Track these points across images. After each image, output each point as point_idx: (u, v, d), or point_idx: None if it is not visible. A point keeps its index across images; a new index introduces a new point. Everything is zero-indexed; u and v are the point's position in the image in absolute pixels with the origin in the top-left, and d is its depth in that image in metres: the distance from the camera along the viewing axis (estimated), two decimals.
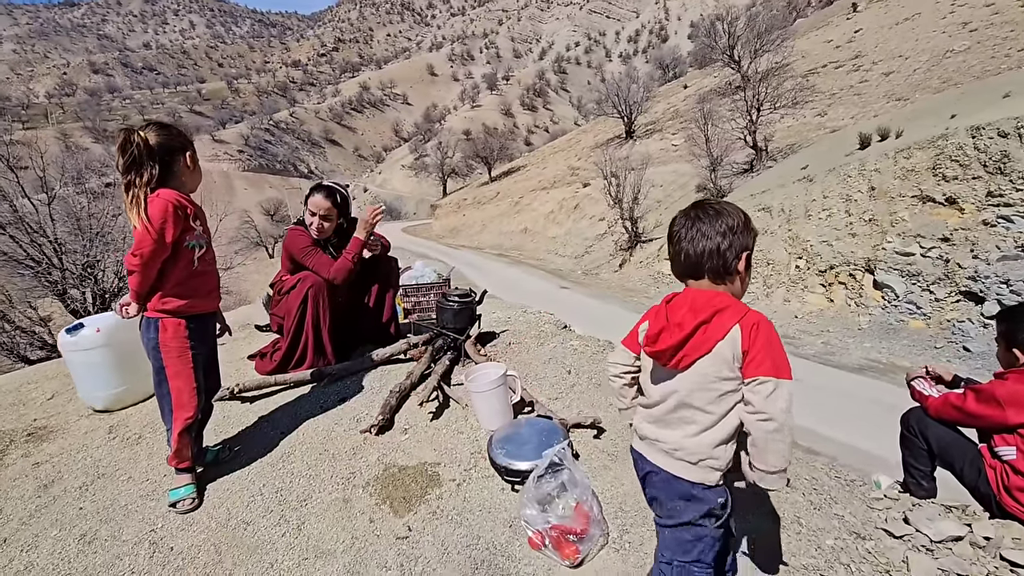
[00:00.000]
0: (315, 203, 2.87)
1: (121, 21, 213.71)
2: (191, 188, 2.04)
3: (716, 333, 1.30)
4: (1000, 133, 9.51)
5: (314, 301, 2.79)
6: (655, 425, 1.40)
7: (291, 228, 2.94)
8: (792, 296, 12.13)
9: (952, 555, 1.63)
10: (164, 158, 1.89)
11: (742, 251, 1.36)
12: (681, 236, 1.41)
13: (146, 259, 1.83)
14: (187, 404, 1.97)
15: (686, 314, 1.34)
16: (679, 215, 1.44)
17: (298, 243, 2.87)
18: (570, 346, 3.19)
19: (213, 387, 2.20)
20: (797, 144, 18.55)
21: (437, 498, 1.94)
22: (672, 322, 1.36)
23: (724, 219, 1.37)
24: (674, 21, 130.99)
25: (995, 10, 20.85)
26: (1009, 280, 8.50)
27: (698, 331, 1.32)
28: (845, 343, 10.09)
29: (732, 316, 1.30)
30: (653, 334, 1.39)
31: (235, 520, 1.86)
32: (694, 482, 1.33)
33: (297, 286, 2.81)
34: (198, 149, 2.09)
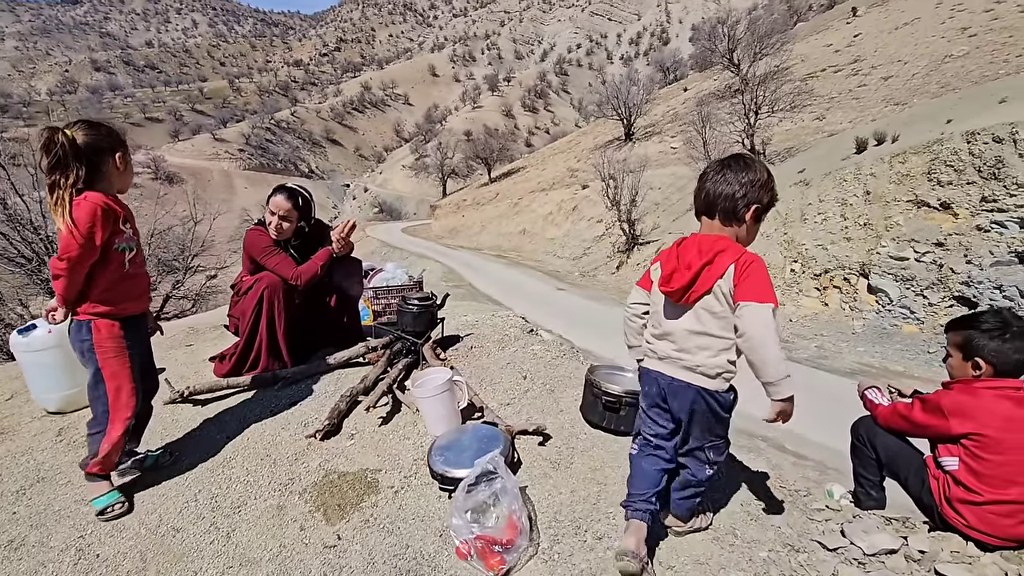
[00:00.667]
0: (276, 203, 2.80)
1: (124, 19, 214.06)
2: (121, 189, 1.97)
3: (717, 271, 1.53)
4: (995, 138, 9.45)
5: (269, 303, 2.71)
6: (677, 348, 1.64)
7: (251, 228, 2.87)
8: (787, 299, 12.07)
9: (884, 568, 1.58)
10: (91, 159, 1.80)
11: (753, 203, 1.58)
12: (708, 176, 1.65)
13: (72, 263, 1.75)
14: (126, 406, 1.89)
15: (694, 256, 1.57)
16: (714, 160, 1.69)
17: (259, 243, 2.80)
18: (531, 351, 3.13)
19: (151, 389, 2.12)
20: (795, 148, 18.51)
21: (372, 505, 1.88)
22: (682, 263, 1.59)
23: (748, 173, 1.59)
24: (675, 24, 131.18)
25: (995, 15, 20.82)
26: (1002, 285, 8.44)
27: (703, 271, 1.54)
28: (839, 347, 10.02)
29: (730, 256, 1.53)
30: (667, 275, 1.63)
31: (165, 527, 1.79)
32: (712, 390, 1.60)
33: (253, 287, 2.74)
34: (200, 148, 2.04)
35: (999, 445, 1.72)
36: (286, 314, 2.78)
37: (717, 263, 1.53)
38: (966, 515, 1.77)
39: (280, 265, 2.77)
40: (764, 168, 1.63)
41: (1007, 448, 1.70)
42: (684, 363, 1.61)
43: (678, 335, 1.62)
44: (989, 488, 1.72)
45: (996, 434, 1.72)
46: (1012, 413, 1.74)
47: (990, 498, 1.72)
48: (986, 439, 1.73)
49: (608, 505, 1.89)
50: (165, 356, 3.37)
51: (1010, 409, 1.75)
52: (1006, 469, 1.70)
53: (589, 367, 2.54)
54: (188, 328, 4.11)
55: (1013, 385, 1.79)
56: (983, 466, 1.73)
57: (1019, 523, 1.69)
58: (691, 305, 1.58)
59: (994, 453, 1.71)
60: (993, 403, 1.77)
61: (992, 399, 1.78)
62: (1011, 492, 1.70)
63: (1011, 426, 1.72)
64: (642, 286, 1.77)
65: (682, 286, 1.57)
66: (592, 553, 1.68)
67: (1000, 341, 1.82)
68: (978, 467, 1.74)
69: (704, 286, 1.54)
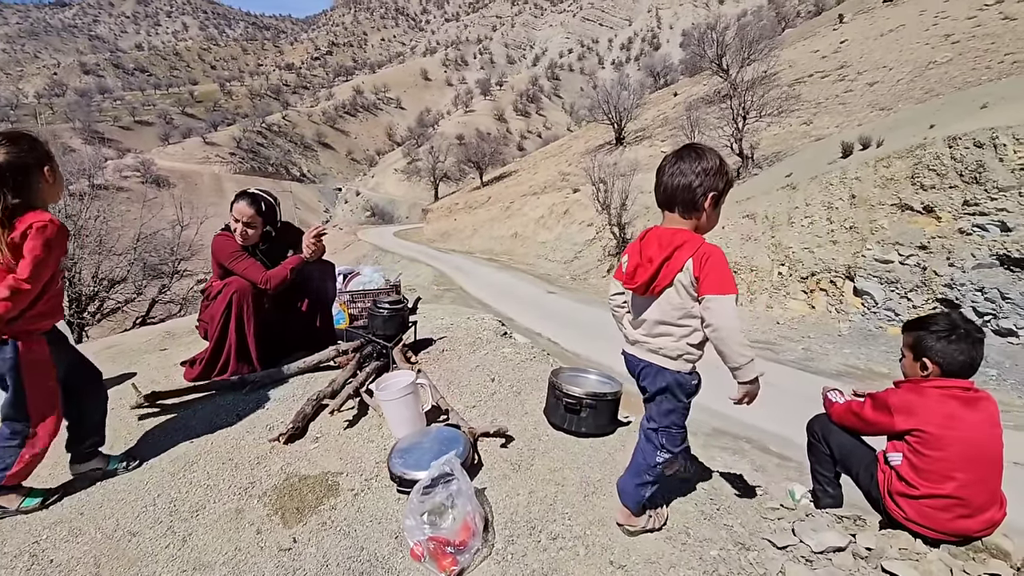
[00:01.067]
0: (239, 210, 2.80)
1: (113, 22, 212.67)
2: (52, 202, 1.91)
3: (675, 266, 1.60)
4: (976, 143, 9.58)
5: (238, 307, 2.70)
6: (644, 334, 1.75)
7: (218, 234, 2.86)
8: (774, 302, 12.15)
9: (831, 566, 1.59)
10: (17, 179, 1.70)
11: (709, 191, 1.62)
12: (665, 170, 1.69)
13: (38, 286, 1.70)
14: (53, 424, 1.86)
15: (655, 251, 1.64)
16: (669, 154, 1.72)
17: (226, 248, 2.80)
18: (501, 353, 3.13)
19: (91, 390, 2.07)
20: (782, 152, 18.67)
21: (331, 508, 1.86)
22: (644, 258, 1.68)
23: (701, 162, 1.63)
24: (666, 29, 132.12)
25: (977, 23, 21.16)
26: (984, 288, 8.54)
27: (663, 267, 1.62)
28: (825, 349, 10.09)
29: (687, 251, 1.59)
30: (631, 271, 1.73)
31: (121, 531, 1.76)
32: (674, 371, 1.69)
33: (223, 291, 2.72)
34: (190, 151, 2.00)
35: (939, 442, 1.76)
36: (256, 318, 2.77)
37: (675, 258, 1.59)
38: (905, 508, 1.82)
39: (249, 269, 2.76)
40: (716, 155, 1.67)
41: (946, 445, 1.75)
42: (649, 346, 1.73)
43: (646, 323, 1.73)
44: (926, 483, 1.77)
45: (937, 431, 1.77)
46: (955, 412, 1.79)
47: (926, 492, 1.77)
48: (927, 435, 1.77)
49: (565, 506, 1.90)
50: (138, 360, 3.34)
51: (954, 408, 1.80)
52: (944, 465, 1.74)
53: (553, 369, 2.55)
54: (165, 332, 4.08)
55: (961, 385, 1.84)
56: (923, 461, 1.78)
57: (955, 517, 1.74)
58: (655, 296, 1.67)
59: (934, 449, 1.75)
60: (938, 402, 1.82)
61: (938, 398, 1.83)
62: (946, 487, 1.74)
63: (952, 424, 1.77)
64: (617, 277, 1.86)
65: (644, 282, 1.66)
66: (545, 553, 1.68)
67: (946, 343, 1.87)
68: (918, 462, 1.79)
69: (664, 280, 1.62)
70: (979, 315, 8.46)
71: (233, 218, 2.81)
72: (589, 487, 2.01)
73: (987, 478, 1.74)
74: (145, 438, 2.32)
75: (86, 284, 12.69)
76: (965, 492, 1.72)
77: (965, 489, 1.72)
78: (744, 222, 13.84)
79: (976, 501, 1.73)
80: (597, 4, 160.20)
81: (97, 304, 12.88)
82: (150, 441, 2.28)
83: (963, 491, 1.72)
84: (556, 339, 11.25)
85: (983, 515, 1.74)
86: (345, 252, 35.83)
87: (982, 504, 1.74)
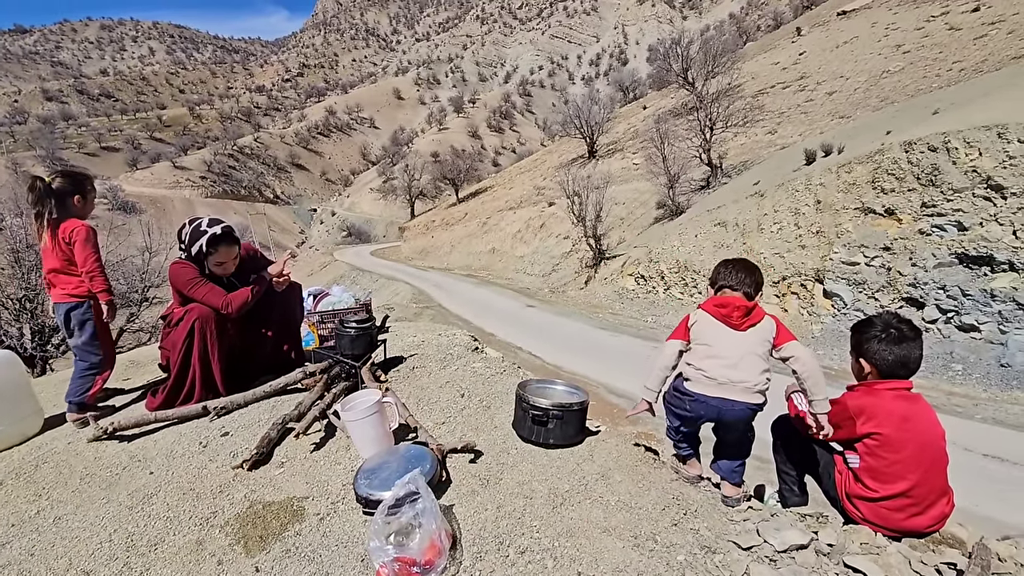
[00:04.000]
0: (224, 253, 2.80)
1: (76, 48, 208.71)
2: (84, 217, 2.85)
3: (759, 315, 2.17)
4: (930, 147, 9.97)
5: (200, 333, 2.66)
6: (730, 370, 2.12)
7: (175, 262, 2.82)
8: None
9: (794, 564, 1.61)
10: (58, 199, 2.75)
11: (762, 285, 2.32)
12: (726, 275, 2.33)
13: (94, 266, 2.80)
14: (113, 358, 2.96)
15: (740, 302, 2.19)
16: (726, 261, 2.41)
17: (183, 276, 2.75)
18: (471, 368, 3.12)
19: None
20: (750, 161, 19.16)
21: (296, 534, 1.81)
22: (733, 306, 2.19)
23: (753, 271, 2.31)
24: (633, 45, 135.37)
25: (925, 33, 22.18)
26: (945, 286, 8.82)
27: (753, 310, 2.18)
28: None
29: (763, 311, 2.19)
30: (725, 313, 2.20)
31: (74, 570, 1.68)
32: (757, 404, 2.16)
33: (184, 318, 2.68)
34: (159, 176, 2.46)
35: (895, 444, 1.80)
36: (220, 344, 2.72)
37: (756, 312, 2.19)
38: (862, 509, 1.86)
39: (208, 295, 2.73)
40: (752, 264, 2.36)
41: (901, 447, 1.79)
42: (739, 385, 2.15)
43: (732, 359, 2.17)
44: (882, 484, 1.81)
45: (893, 433, 1.81)
46: (907, 413, 1.84)
47: (883, 494, 1.81)
48: (884, 438, 1.81)
49: (533, 519, 1.88)
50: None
51: (905, 409, 1.84)
52: (898, 467, 1.78)
53: (520, 382, 2.54)
54: (129, 361, 3.95)
55: (905, 386, 1.88)
56: (880, 463, 1.82)
57: (908, 516, 1.78)
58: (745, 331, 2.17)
59: (890, 452, 1.79)
60: (892, 403, 1.86)
61: (891, 399, 1.87)
62: (899, 487, 1.78)
63: (906, 425, 1.81)
64: (678, 337, 2.31)
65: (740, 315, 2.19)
66: (513, 568, 1.66)
67: (877, 343, 1.94)
68: (876, 464, 1.82)
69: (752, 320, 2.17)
70: (942, 312, 8.73)
71: (215, 262, 2.79)
72: (558, 498, 2.00)
73: (935, 476, 1.79)
74: (102, 473, 2.23)
75: (49, 316, 12.24)
76: (916, 492, 1.76)
77: (917, 489, 1.76)
78: (716, 230, 14.11)
79: (926, 499, 1.77)
80: (565, 22, 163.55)
81: (61, 336, 12.43)
82: (108, 475, 2.20)
83: (915, 491, 1.76)
84: (536, 352, 11.24)
85: (932, 511, 1.78)
86: (322, 273, 35.40)
87: (932, 501, 1.78)
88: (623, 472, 2.20)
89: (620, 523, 1.87)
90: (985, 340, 8.23)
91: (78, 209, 2.79)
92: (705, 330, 2.22)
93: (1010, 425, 6.63)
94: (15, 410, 2.59)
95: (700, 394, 2.17)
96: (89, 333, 2.78)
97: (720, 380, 2.10)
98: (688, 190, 19.13)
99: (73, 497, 2.10)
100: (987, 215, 8.67)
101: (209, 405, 2.54)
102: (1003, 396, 7.49)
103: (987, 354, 8.12)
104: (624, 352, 10.93)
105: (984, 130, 9.23)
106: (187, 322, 2.66)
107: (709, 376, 2.14)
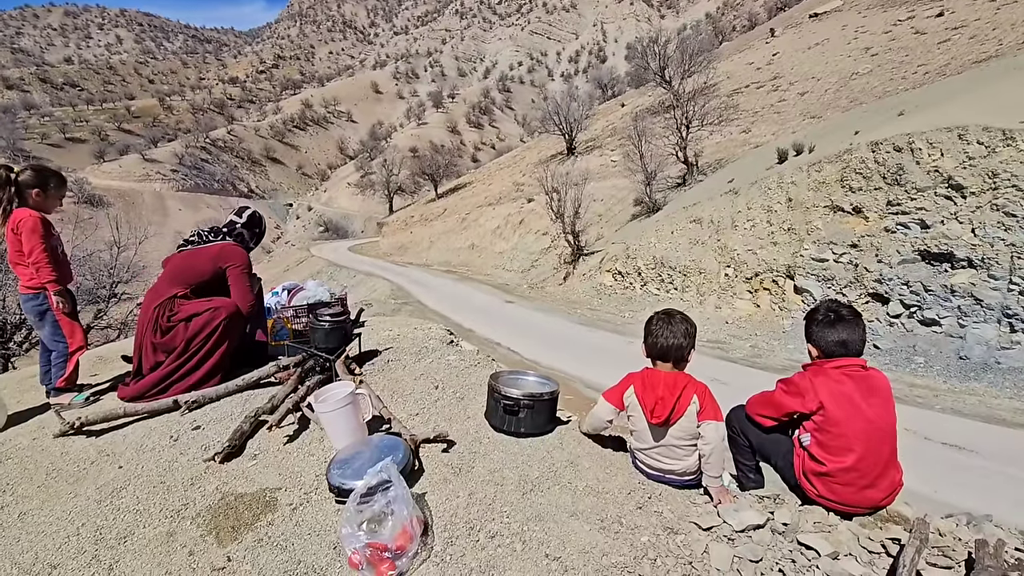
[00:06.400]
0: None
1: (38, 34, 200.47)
2: (46, 212, 2.89)
3: (686, 402, 2.14)
4: (895, 147, 10.29)
5: (226, 329, 2.87)
6: (658, 461, 2.24)
7: (238, 246, 3.03)
8: (723, 303, 12.60)
9: (751, 542, 1.69)
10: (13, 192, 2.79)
11: (690, 349, 2.24)
12: (658, 332, 2.26)
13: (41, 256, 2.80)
14: (80, 340, 2.90)
15: (666, 392, 2.16)
16: (657, 316, 2.31)
17: (248, 262, 3.02)
18: (446, 360, 3.15)
19: None
20: (724, 159, 19.49)
21: (268, 524, 1.83)
22: (659, 397, 2.17)
23: (679, 326, 2.25)
24: (611, 43, 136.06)
25: (892, 36, 22.84)
26: (909, 281, 9.14)
27: (677, 403, 2.13)
28: (771, 345, 10.55)
29: (691, 390, 2.16)
30: (650, 409, 2.20)
31: (41, 564, 1.67)
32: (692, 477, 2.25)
33: (205, 313, 2.80)
34: (128, 168, 2.48)
35: (837, 418, 1.90)
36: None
37: (685, 396, 2.15)
38: (817, 486, 1.96)
39: (249, 289, 2.97)
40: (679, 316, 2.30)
41: (843, 420, 1.88)
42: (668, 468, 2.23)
43: (659, 448, 2.22)
44: (832, 457, 1.91)
45: (834, 409, 1.91)
46: (849, 390, 1.94)
47: (832, 468, 1.90)
48: (828, 413, 1.91)
49: (503, 505, 1.93)
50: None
51: (849, 387, 1.94)
52: (843, 440, 1.88)
53: (492, 373, 2.59)
54: (96, 357, 3.87)
55: (856, 363, 1.98)
56: (827, 437, 1.91)
57: (859, 490, 1.88)
58: (672, 425, 2.18)
59: (834, 425, 1.89)
60: (836, 381, 1.96)
61: (836, 376, 1.97)
62: (847, 459, 1.88)
63: (846, 402, 1.91)
64: (610, 400, 2.35)
65: (664, 417, 2.16)
66: (484, 552, 1.70)
67: (818, 327, 2.07)
68: (823, 438, 1.92)
69: (678, 414, 2.15)
70: (906, 307, 9.05)
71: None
72: (527, 484, 2.05)
73: (881, 449, 1.88)
74: (68, 467, 2.20)
75: (11, 312, 11.83)
76: (863, 464, 1.85)
77: (863, 461, 1.85)
78: (691, 227, 14.34)
79: (873, 471, 1.87)
80: (544, 18, 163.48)
81: (24, 333, 12.03)
82: (74, 469, 2.17)
83: (861, 463, 1.85)
84: (515, 348, 11.30)
85: (882, 483, 1.88)
86: (298, 269, 34.86)
87: (880, 473, 1.88)
88: (591, 459, 2.26)
89: (587, 507, 1.93)
90: (945, 334, 8.56)
91: (36, 203, 2.82)
92: (633, 414, 2.29)
93: (967, 415, 6.93)
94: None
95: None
96: (50, 323, 2.86)
97: (654, 466, 2.23)
98: (665, 187, 19.38)
99: (38, 492, 2.07)
100: (948, 214, 9.00)
101: (180, 399, 2.52)
102: (961, 387, 7.81)
103: (947, 347, 8.46)
104: (601, 347, 11.06)
105: (946, 131, 9.57)
106: (215, 318, 2.79)
107: (643, 462, 2.28)
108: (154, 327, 2.79)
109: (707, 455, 2.08)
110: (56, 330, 2.86)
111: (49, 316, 2.85)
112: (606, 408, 2.34)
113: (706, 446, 2.09)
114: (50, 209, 2.91)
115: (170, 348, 2.75)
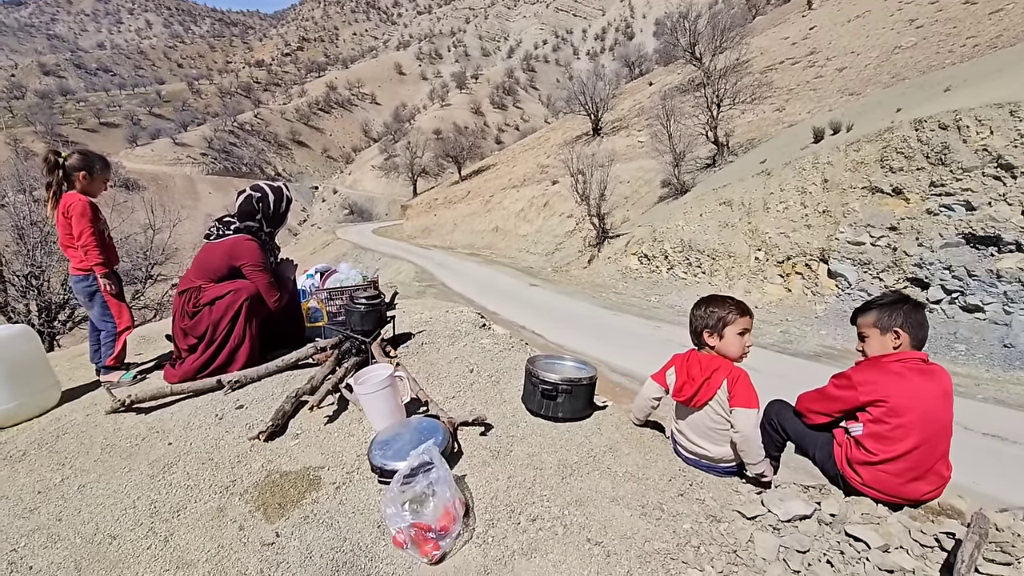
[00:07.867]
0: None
1: (72, 20, 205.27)
2: (93, 196, 3.00)
3: (715, 385, 2.10)
4: (941, 125, 9.83)
5: (248, 312, 2.88)
6: (694, 444, 2.20)
7: (246, 238, 2.96)
8: (753, 287, 12.37)
9: (797, 532, 1.66)
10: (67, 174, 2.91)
11: (702, 329, 2.21)
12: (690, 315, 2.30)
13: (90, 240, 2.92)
14: (128, 320, 3.00)
15: (697, 372, 2.16)
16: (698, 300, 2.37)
17: (259, 256, 2.95)
18: (480, 344, 3.17)
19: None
20: (756, 139, 18.93)
21: (313, 502, 1.88)
22: (689, 377, 2.18)
23: (695, 308, 2.29)
24: (639, 19, 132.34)
25: (939, 7, 21.65)
26: (951, 266, 8.80)
27: (703, 385, 2.12)
28: (803, 331, 10.33)
29: (722, 374, 2.11)
30: (679, 387, 2.23)
31: (101, 534, 1.76)
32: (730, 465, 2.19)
33: (225, 297, 2.83)
34: (160, 152, 2.52)
35: (899, 410, 1.85)
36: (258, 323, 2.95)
37: (714, 379, 2.11)
38: (862, 474, 1.91)
39: (270, 285, 2.95)
40: (710, 299, 2.26)
41: (905, 412, 1.84)
42: (703, 453, 2.19)
43: (694, 429, 2.19)
44: (883, 447, 1.86)
45: (897, 400, 1.85)
46: (915, 383, 1.88)
47: (883, 457, 1.86)
48: (888, 405, 1.86)
49: (543, 488, 1.94)
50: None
51: (914, 379, 1.89)
52: (901, 431, 1.83)
53: (529, 357, 2.59)
54: (140, 337, 4.00)
55: (919, 357, 1.93)
56: (883, 428, 1.87)
57: (907, 481, 1.83)
58: (700, 408, 2.16)
59: (893, 417, 1.84)
60: (899, 374, 1.91)
61: (899, 370, 1.92)
62: (900, 449, 1.83)
63: (911, 393, 1.86)
64: (656, 380, 2.36)
65: (689, 396, 2.17)
66: (525, 534, 1.72)
67: (913, 314, 2.00)
68: (879, 430, 1.87)
69: (705, 397, 2.12)
70: (947, 292, 8.73)
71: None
72: (567, 469, 2.05)
73: (936, 443, 1.83)
74: (121, 443, 2.30)
75: (56, 292, 12.34)
76: (916, 455, 1.81)
77: (917, 452, 1.81)
78: (721, 209, 14.04)
79: (924, 464, 1.82)
80: None
81: (68, 312, 12.55)
82: (127, 445, 2.26)
83: (915, 454, 1.81)
84: (539, 331, 11.31)
85: (931, 476, 1.84)
86: (324, 251, 35.42)
87: (930, 466, 1.83)
88: (630, 445, 2.25)
89: (628, 493, 1.92)
90: (989, 321, 8.25)
91: (83, 186, 2.91)
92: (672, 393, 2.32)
93: (1012, 405, 6.69)
94: (34, 383, 2.64)
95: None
96: (99, 303, 2.96)
97: (691, 450, 2.21)
98: (693, 168, 18.95)
99: (95, 466, 2.17)
100: (996, 195, 8.59)
101: (223, 379, 2.60)
102: (1006, 376, 7.54)
103: (991, 335, 8.15)
104: (626, 331, 10.99)
105: (996, 108, 9.08)
106: (236, 300, 2.82)
107: (682, 445, 2.26)
108: (182, 312, 2.89)
109: (739, 443, 2.04)
110: (105, 310, 2.96)
111: (98, 297, 2.95)
112: (652, 387, 2.37)
113: (736, 434, 2.05)
114: (96, 192, 3.01)
115: (198, 332, 2.83)
